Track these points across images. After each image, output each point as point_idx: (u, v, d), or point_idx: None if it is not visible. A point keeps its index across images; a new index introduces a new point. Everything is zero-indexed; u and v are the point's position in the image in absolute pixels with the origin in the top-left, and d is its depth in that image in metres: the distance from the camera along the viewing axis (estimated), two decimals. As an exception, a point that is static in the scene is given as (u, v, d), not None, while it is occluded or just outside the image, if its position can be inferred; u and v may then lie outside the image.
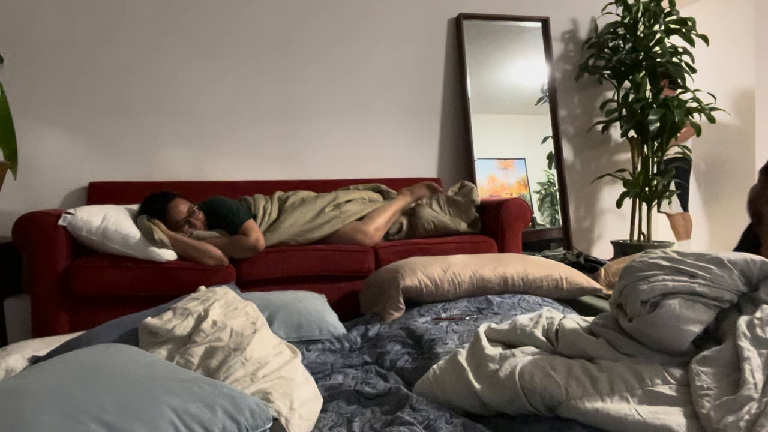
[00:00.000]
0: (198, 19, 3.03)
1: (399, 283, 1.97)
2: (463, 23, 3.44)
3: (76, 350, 1.13)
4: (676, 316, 1.02)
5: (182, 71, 3.01)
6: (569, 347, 1.14)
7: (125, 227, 2.21)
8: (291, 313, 1.77)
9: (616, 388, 0.99)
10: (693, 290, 1.05)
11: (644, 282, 1.10)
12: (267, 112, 3.15)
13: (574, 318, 1.25)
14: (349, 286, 2.40)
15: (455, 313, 1.89)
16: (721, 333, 1.08)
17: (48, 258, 2.13)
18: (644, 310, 1.06)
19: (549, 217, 3.57)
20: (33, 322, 2.14)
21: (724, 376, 0.95)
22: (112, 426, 0.81)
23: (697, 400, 0.92)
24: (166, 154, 2.99)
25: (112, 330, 1.50)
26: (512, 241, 2.66)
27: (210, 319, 1.37)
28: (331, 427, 1.11)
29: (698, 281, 1.07)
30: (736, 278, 1.08)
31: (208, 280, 2.18)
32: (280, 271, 2.33)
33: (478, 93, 3.46)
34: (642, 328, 1.05)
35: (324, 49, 3.24)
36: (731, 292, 1.07)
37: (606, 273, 2.39)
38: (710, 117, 3.30)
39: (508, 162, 3.53)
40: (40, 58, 2.80)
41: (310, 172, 3.21)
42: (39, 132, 2.81)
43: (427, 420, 1.07)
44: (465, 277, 2.01)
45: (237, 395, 0.96)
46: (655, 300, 1.06)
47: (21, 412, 0.80)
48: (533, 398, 1.02)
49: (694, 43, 3.34)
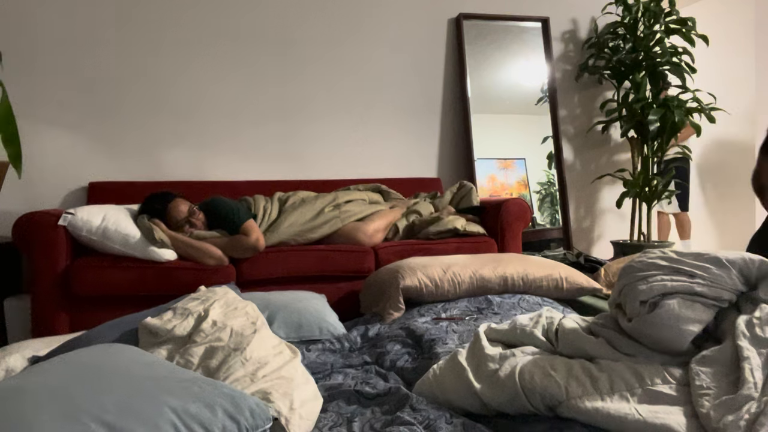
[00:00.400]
0: (198, 19, 3.03)
1: (399, 283, 1.97)
2: (463, 23, 3.44)
3: (76, 350, 1.13)
4: (675, 316, 1.03)
5: (182, 71, 3.01)
6: (569, 347, 1.14)
7: (125, 227, 2.21)
8: (291, 313, 1.77)
9: (616, 388, 0.99)
10: (692, 290, 1.06)
11: (643, 282, 1.10)
12: (267, 112, 3.15)
13: (573, 318, 1.26)
14: (349, 286, 2.40)
15: (455, 313, 1.89)
16: (721, 332, 1.08)
17: (48, 258, 2.13)
18: (643, 310, 1.07)
19: (549, 217, 3.57)
20: (33, 322, 2.14)
21: (724, 375, 0.95)
22: (112, 426, 0.81)
23: (696, 400, 0.92)
24: (166, 154, 2.99)
25: (112, 330, 1.50)
26: (512, 241, 2.66)
27: (210, 319, 1.37)
28: (331, 427, 1.11)
29: (697, 281, 1.07)
30: (735, 277, 1.08)
31: (208, 280, 2.18)
32: (280, 271, 2.33)
33: (478, 93, 3.46)
34: (641, 329, 1.06)
35: (324, 49, 3.24)
36: (730, 291, 1.07)
37: (606, 273, 2.39)
38: (710, 117, 3.30)
39: (508, 162, 3.53)
40: (40, 58, 2.80)
41: (310, 173, 3.21)
42: (39, 132, 2.81)
43: (427, 420, 1.07)
44: (465, 277, 2.01)
45: (237, 395, 0.96)
46: (654, 300, 1.07)
47: (21, 412, 0.80)
48: (533, 398, 1.02)
49: (694, 43, 3.34)
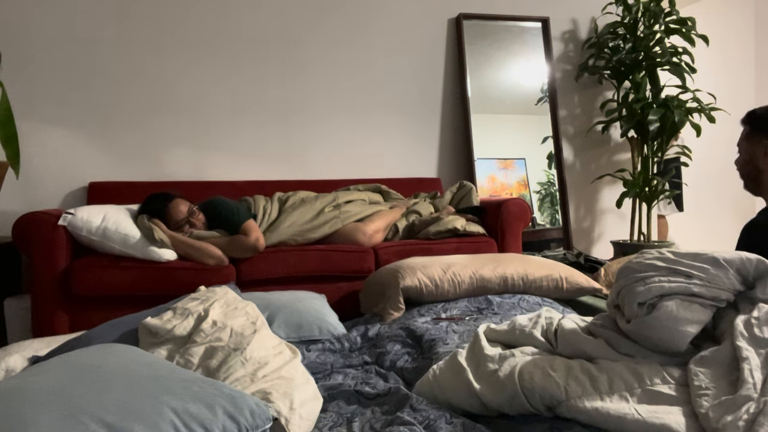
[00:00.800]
0: (199, 19, 3.03)
1: (399, 283, 1.97)
2: (463, 23, 3.44)
3: (76, 350, 1.13)
4: (674, 317, 1.03)
5: (183, 71, 3.01)
6: (568, 347, 1.14)
7: (125, 227, 2.21)
8: (291, 313, 1.77)
9: (615, 388, 0.99)
10: (690, 291, 1.05)
11: (641, 283, 1.10)
12: (267, 112, 3.15)
13: (572, 318, 1.26)
14: (349, 286, 2.40)
15: (455, 313, 1.89)
16: (719, 332, 1.08)
17: (48, 258, 2.13)
18: (641, 312, 1.07)
19: (549, 217, 3.57)
20: (33, 322, 2.14)
21: (723, 375, 0.95)
22: (112, 426, 0.81)
23: (695, 400, 0.93)
24: (166, 154, 2.99)
25: (112, 330, 1.50)
26: (512, 241, 2.66)
27: (210, 319, 1.37)
28: (331, 427, 1.12)
29: (695, 282, 1.07)
30: (732, 277, 1.08)
31: (208, 280, 2.18)
32: (280, 271, 2.33)
33: (478, 93, 3.46)
34: (640, 330, 1.06)
35: (324, 49, 3.24)
36: (728, 291, 1.07)
37: (606, 273, 2.39)
38: (710, 117, 3.30)
39: (508, 162, 3.53)
40: (39, 58, 2.80)
41: (310, 173, 3.21)
42: (39, 132, 2.81)
43: (427, 420, 1.07)
44: (465, 277, 2.01)
45: (237, 395, 0.96)
46: (652, 302, 1.07)
47: (21, 412, 0.80)
48: (533, 398, 1.02)
49: (694, 43, 3.34)
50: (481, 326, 1.31)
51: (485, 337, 1.25)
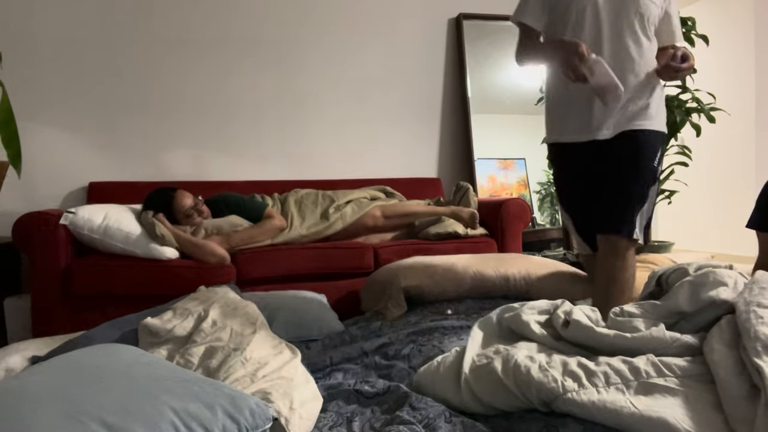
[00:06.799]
0: (199, 20, 3.03)
1: (400, 282, 1.97)
2: (463, 23, 3.44)
3: (76, 350, 1.13)
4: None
5: (183, 72, 3.01)
6: (579, 334, 1.16)
7: (127, 225, 2.22)
8: (291, 313, 1.77)
9: (611, 381, 0.99)
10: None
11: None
12: (267, 112, 3.15)
13: (583, 309, 1.26)
14: (349, 284, 2.40)
15: (456, 311, 1.89)
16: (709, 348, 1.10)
17: (48, 257, 2.13)
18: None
19: (549, 217, 3.57)
20: (33, 322, 2.14)
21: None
22: (112, 426, 0.81)
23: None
24: (166, 154, 2.99)
25: (112, 330, 1.50)
26: (512, 241, 2.66)
27: (210, 319, 1.37)
28: (331, 426, 1.12)
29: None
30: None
31: (209, 279, 2.18)
32: (280, 270, 2.33)
33: (478, 93, 3.46)
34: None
35: (324, 49, 3.24)
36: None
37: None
38: (710, 117, 3.30)
39: (508, 162, 3.53)
40: (40, 58, 2.80)
41: (310, 173, 3.21)
42: (39, 132, 2.81)
43: (427, 419, 1.07)
44: (466, 276, 2.02)
45: (237, 395, 0.96)
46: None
47: (21, 412, 0.80)
48: (529, 393, 1.02)
49: (694, 43, 3.34)
50: (477, 322, 1.34)
51: (481, 330, 1.28)
